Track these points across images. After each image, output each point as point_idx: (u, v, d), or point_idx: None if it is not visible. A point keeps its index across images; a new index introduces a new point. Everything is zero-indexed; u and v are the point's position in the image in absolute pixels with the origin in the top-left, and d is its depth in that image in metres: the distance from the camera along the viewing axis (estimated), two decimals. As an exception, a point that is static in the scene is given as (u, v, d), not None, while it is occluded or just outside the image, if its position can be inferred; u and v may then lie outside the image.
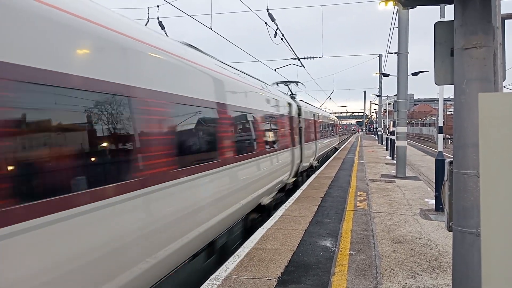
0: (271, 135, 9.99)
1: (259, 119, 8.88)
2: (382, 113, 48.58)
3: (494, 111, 1.49)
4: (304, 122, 15.54)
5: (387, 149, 26.98)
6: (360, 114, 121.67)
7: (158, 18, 12.63)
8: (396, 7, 14.69)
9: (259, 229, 7.20)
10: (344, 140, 58.03)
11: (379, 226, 7.35)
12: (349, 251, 5.92)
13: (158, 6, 12.43)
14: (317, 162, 19.02)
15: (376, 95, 42.51)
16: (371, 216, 8.17)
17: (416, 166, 19.32)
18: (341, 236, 6.70)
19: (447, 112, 42.50)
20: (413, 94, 75.72)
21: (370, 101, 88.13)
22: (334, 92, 41.08)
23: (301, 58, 20.87)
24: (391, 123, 26.54)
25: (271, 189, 9.56)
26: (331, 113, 54.29)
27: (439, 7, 11.15)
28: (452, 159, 3.49)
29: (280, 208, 8.90)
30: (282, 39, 14.36)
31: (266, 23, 13.32)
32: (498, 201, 1.48)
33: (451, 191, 3.49)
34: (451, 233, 3.48)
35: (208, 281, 4.78)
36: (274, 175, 9.81)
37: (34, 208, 2.71)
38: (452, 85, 3.45)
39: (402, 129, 15.22)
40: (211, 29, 12.24)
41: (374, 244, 6.29)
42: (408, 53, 14.67)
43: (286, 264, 5.37)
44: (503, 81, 3.13)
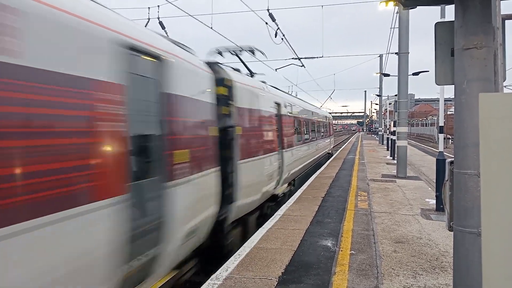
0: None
1: None
2: (382, 113, 48.57)
3: (495, 111, 1.49)
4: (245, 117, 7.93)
5: (387, 149, 26.95)
6: (361, 114, 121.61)
7: (158, 18, 12.67)
8: (396, 8, 14.69)
9: (260, 229, 7.22)
10: (345, 140, 57.86)
11: (380, 226, 7.36)
12: (350, 250, 5.93)
13: (158, 6, 12.48)
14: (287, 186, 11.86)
15: (377, 95, 42.51)
16: (372, 216, 8.18)
17: (417, 166, 19.31)
18: (342, 236, 6.71)
19: (448, 112, 42.45)
20: (414, 94, 75.79)
21: (371, 101, 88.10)
22: (334, 92, 40.61)
23: (302, 58, 20.89)
24: (392, 123, 26.50)
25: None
26: (331, 113, 44.83)
27: (440, 7, 11.15)
28: (452, 159, 3.50)
29: (280, 208, 8.92)
30: (282, 39, 14.37)
31: (267, 23, 13.33)
32: (498, 201, 1.49)
33: (452, 191, 3.49)
34: (452, 233, 3.50)
35: (209, 281, 4.79)
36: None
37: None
38: (453, 85, 3.45)
39: (402, 129, 15.24)
40: (212, 28, 12.27)
41: (375, 244, 6.29)
42: (408, 53, 14.69)
43: (287, 263, 5.38)
44: (504, 81, 3.15)
